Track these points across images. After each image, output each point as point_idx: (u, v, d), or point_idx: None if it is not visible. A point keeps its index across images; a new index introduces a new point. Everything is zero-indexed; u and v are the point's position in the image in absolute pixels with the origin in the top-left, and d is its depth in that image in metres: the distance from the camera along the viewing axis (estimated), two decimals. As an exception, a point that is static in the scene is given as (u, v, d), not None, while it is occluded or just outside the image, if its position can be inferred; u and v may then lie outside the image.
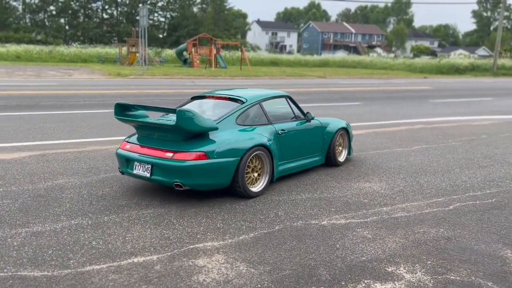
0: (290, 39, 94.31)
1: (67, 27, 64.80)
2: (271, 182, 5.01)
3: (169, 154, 4.29)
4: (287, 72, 31.49)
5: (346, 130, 6.35)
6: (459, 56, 50.52)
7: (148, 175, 4.38)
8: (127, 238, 3.59)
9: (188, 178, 4.21)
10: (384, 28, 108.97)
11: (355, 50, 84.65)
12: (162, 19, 68.83)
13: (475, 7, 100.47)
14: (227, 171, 4.40)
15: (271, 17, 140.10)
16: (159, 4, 67.36)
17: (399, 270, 3.17)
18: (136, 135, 4.82)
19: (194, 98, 5.56)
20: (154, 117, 4.76)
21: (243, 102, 5.04)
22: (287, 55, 54.81)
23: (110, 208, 4.29)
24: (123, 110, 4.66)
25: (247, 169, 4.64)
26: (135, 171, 4.51)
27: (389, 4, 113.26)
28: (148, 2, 64.17)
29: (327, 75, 30.10)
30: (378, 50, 75.59)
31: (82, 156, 6.33)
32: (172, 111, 4.39)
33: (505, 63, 40.69)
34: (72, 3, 62.41)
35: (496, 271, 3.19)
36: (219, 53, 35.95)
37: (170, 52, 43.89)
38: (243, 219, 4.08)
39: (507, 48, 62.30)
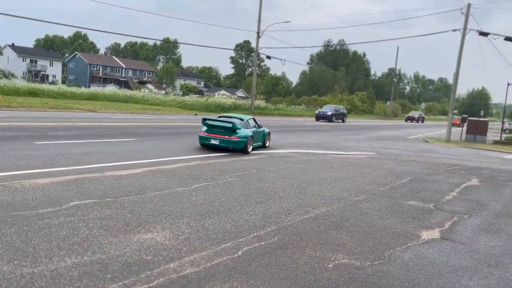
0: (54, 69, 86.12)
1: None
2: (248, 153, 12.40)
3: (227, 136, 12.28)
4: (49, 104, 28.00)
5: (269, 133, 14.91)
6: (222, 96, 55.70)
7: (218, 143, 12.31)
8: None
9: (235, 144, 12.33)
10: (154, 65, 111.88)
11: (126, 84, 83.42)
12: None
13: (233, 53, 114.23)
14: (244, 143, 12.48)
15: (29, 43, 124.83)
16: None
17: None
18: (206, 129, 12.64)
19: (206, 119, 12.89)
20: (213, 121, 12.88)
21: (242, 120, 13.19)
22: (49, 85, 49.33)
23: None
24: (205, 120, 12.64)
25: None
26: (212, 142, 12.37)
27: (158, 43, 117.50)
28: None
29: (97, 109, 28.21)
30: (150, 86, 76.19)
31: None
32: (223, 121, 12.88)
33: (260, 103, 47.13)
34: None
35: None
36: (-42, 77, 29.46)
37: None
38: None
39: (260, 91, 72.69)
